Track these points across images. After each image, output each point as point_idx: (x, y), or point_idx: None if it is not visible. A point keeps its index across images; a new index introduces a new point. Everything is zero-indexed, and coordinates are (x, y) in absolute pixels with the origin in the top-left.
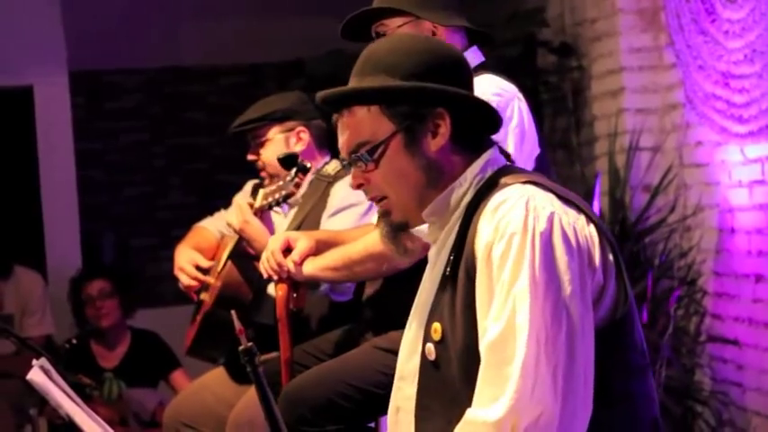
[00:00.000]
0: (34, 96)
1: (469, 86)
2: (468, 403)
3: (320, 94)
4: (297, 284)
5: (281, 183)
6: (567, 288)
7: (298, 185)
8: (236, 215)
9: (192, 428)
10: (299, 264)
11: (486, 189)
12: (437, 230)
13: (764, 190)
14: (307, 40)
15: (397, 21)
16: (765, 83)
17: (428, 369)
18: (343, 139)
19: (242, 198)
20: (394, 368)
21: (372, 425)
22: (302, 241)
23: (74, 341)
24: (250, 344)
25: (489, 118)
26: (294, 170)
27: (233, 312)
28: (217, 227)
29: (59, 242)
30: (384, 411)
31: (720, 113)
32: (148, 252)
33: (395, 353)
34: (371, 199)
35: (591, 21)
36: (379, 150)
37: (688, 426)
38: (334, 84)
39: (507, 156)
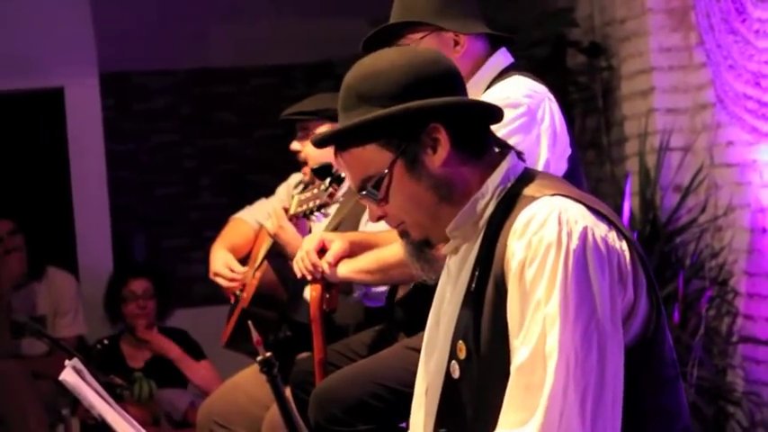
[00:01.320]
0: (65, 98)
1: (454, 88)
2: (491, 423)
3: (312, 141)
4: (330, 285)
5: (315, 191)
6: (598, 308)
7: (332, 196)
8: (271, 220)
9: (225, 428)
10: (334, 265)
11: (511, 200)
12: (459, 242)
13: None
14: (336, 41)
15: (419, 33)
16: None
17: (451, 387)
18: (348, 177)
19: (284, 192)
20: None
21: (404, 425)
22: (337, 242)
23: (105, 342)
24: (269, 354)
25: (485, 113)
26: (328, 180)
27: (250, 323)
28: (255, 217)
29: (91, 243)
30: None
31: (751, 113)
32: (179, 253)
33: None
34: (393, 227)
35: (620, 20)
36: (385, 183)
37: (720, 427)
38: None
39: (523, 158)
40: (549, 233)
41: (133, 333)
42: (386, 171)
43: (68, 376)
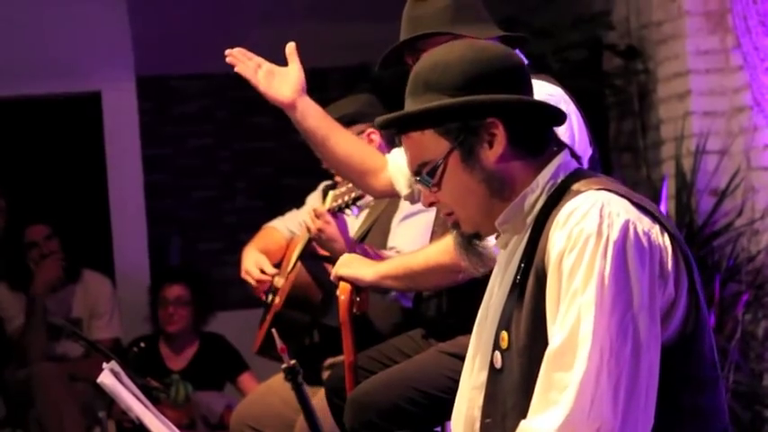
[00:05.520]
0: (102, 102)
1: (521, 84)
2: (525, 412)
3: (377, 121)
4: (359, 289)
5: (349, 184)
6: (636, 300)
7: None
8: (310, 219)
9: (258, 431)
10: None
11: (559, 195)
12: (508, 236)
13: None
14: (372, 44)
15: (435, 45)
16: None
17: (494, 377)
18: (407, 159)
19: (314, 199)
20: (461, 373)
21: (439, 429)
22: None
23: (142, 345)
24: (293, 362)
25: (547, 115)
26: None
27: (273, 331)
28: (287, 227)
29: (127, 246)
30: (450, 417)
31: None
32: (215, 256)
33: (462, 358)
34: (444, 214)
35: (657, 23)
36: (439, 171)
37: (756, 431)
38: (400, 88)
39: (577, 158)
40: (590, 224)
41: (170, 336)
42: (441, 159)
43: (106, 379)
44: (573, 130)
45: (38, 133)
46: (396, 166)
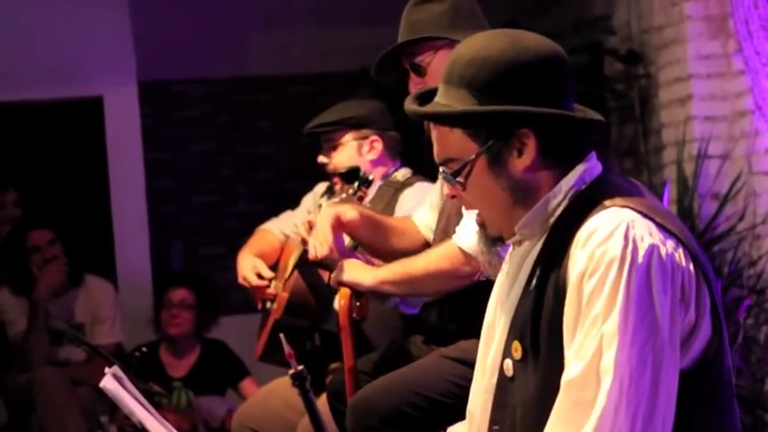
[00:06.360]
0: (104, 106)
1: (561, 90)
2: (537, 428)
3: (408, 110)
4: (359, 293)
5: (344, 195)
6: (657, 328)
7: (361, 199)
8: (306, 231)
9: None
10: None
11: (581, 204)
12: (524, 236)
13: None
14: (372, 48)
15: (432, 49)
16: None
17: (504, 385)
18: (435, 148)
19: (311, 201)
20: (463, 377)
21: None
22: (350, 212)
23: (144, 350)
24: (300, 367)
25: (583, 126)
26: (356, 184)
27: (282, 336)
28: (281, 228)
29: (129, 251)
30: (453, 421)
31: None
32: (216, 260)
33: (464, 362)
34: (465, 208)
35: (658, 28)
36: (464, 172)
37: None
38: (400, 93)
39: (606, 156)
40: (614, 248)
41: (172, 342)
42: (468, 161)
43: (108, 383)
44: None
45: (40, 138)
46: (425, 226)
